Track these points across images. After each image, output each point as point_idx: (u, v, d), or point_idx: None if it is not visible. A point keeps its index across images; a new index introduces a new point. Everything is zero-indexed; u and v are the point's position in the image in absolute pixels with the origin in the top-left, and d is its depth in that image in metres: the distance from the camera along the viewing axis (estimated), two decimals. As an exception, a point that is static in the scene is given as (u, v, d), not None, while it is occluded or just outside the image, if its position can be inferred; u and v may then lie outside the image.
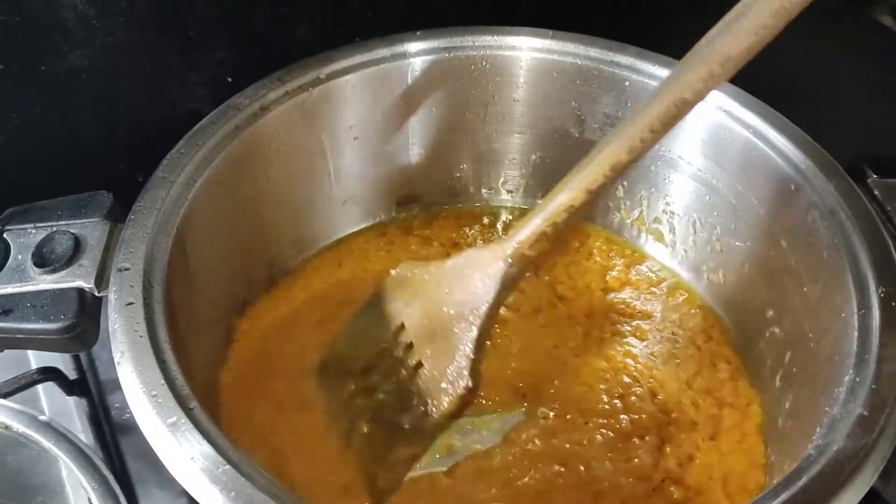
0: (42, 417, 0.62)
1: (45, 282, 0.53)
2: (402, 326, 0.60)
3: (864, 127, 0.75)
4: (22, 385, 0.66)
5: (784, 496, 0.43)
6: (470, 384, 0.57)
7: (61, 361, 0.70)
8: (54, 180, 0.61)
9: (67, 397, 0.69)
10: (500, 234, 0.78)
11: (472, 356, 0.57)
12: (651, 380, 0.66)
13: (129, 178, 0.62)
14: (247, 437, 0.60)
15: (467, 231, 0.77)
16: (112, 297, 0.51)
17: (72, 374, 0.70)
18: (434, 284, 0.59)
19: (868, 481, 0.44)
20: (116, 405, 0.69)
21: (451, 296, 0.58)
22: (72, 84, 0.70)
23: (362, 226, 0.76)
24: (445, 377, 0.57)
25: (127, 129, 0.74)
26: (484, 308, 0.56)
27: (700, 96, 0.49)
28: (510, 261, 0.56)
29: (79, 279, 0.53)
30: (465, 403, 0.58)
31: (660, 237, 0.75)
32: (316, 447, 0.61)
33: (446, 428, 0.59)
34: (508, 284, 0.57)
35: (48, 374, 0.67)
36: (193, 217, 0.57)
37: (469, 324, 0.57)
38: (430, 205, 0.79)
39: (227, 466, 0.43)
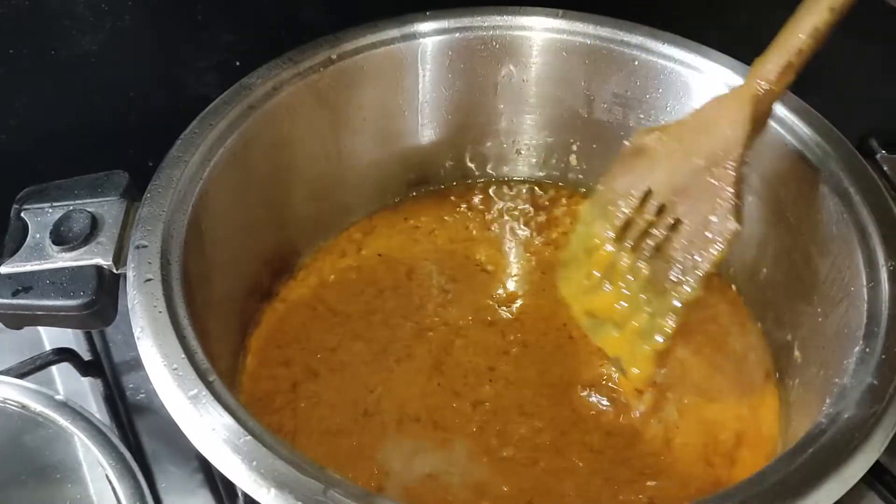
0: (58, 397, 0.62)
1: (64, 259, 0.54)
2: (650, 192, 0.59)
3: (873, 104, 0.75)
4: (37, 366, 0.66)
5: (795, 463, 0.44)
6: (739, 227, 0.55)
7: (75, 343, 0.71)
8: (64, 164, 0.61)
9: (82, 378, 0.69)
10: (514, 213, 0.78)
11: (735, 199, 0.55)
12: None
13: (139, 161, 0.63)
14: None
15: (480, 212, 0.78)
16: (130, 273, 0.52)
17: (86, 356, 0.70)
18: (675, 143, 0.58)
19: (878, 448, 0.45)
20: (131, 386, 0.69)
21: (698, 148, 0.56)
22: (81, 69, 0.71)
23: (375, 207, 0.77)
24: (709, 226, 0.56)
25: (136, 113, 0.75)
26: (739, 150, 0.55)
27: None
28: (756, 100, 0.54)
29: (97, 256, 0.54)
30: (732, 247, 0.56)
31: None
32: (334, 432, 0.61)
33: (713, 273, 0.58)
34: (760, 122, 0.55)
35: (63, 354, 0.68)
36: (208, 196, 0.58)
37: (725, 169, 0.55)
38: (441, 186, 0.79)
39: (249, 437, 0.44)
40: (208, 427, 0.45)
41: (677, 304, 0.58)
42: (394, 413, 0.62)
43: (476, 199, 0.79)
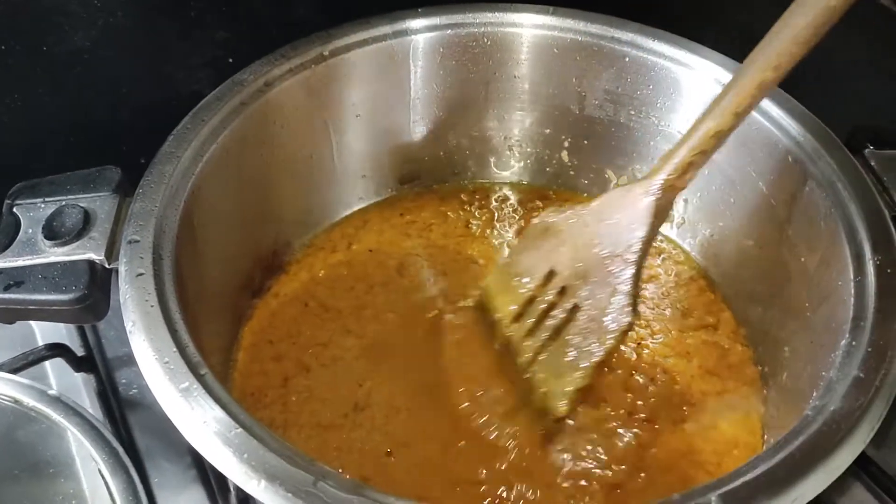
0: (51, 392, 0.62)
1: (56, 254, 0.54)
2: (552, 273, 0.60)
3: (861, 101, 0.75)
4: (30, 361, 0.66)
5: (783, 454, 0.44)
6: (632, 321, 0.56)
7: (68, 338, 0.71)
8: (57, 160, 0.62)
9: (75, 373, 0.69)
10: (505, 210, 0.79)
11: (632, 293, 0.56)
12: (646, 348, 0.67)
13: (132, 158, 0.63)
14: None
15: (472, 208, 0.78)
16: (122, 268, 0.52)
17: (79, 351, 0.71)
18: (581, 227, 0.59)
19: (864, 440, 0.45)
20: (124, 381, 0.69)
21: (601, 236, 0.57)
22: (74, 65, 0.71)
23: (366, 203, 0.77)
24: (606, 315, 0.57)
25: (129, 109, 0.75)
26: (639, 244, 0.56)
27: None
28: (660, 193, 0.55)
29: (89, 251, 0.54)
30: (625, 337, 0.58)
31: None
32: (325, 426, 0.62)
33: (607, 363, 0.59)
34: (660, 216, 0.57)
35: (56, 350, 0.68)
36: (200, 191, 0.58)
37: (625, 261, 0.56)
38: (432, 182, 0.79)
39: (240, 429, 0.44)
40: (199, 420, 0.45)
41: (569, 389, 0.58)
42: (383, 407, 0.62)
43: (468, 196, 0.79)
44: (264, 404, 0.63)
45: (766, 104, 0.63)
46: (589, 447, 0.61)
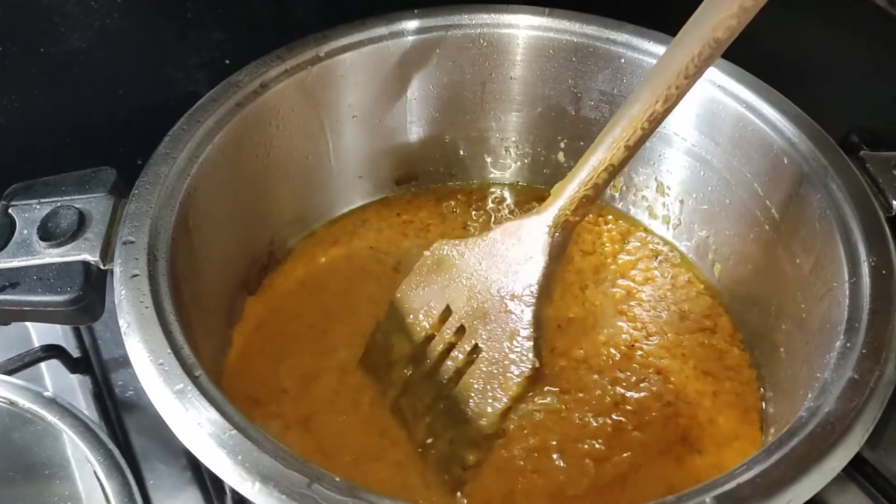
0: (47, 394, 0.62)
1: (51, 255, 0.54)
2: (448, 310, 0.58)
3: (856, 102, 0.75)
4: (26, 362, 0.66)
5: (777, 455, 0.44)
6: (537, 364, 0.54)
7: (64, 339, 0.71)
8: (53, 161, 0.62)
9: (70, 375, 0.69)
10: (501, 211, 0.79)
11: (533, 335, 0.54)
12: (639, 350, 0.67)
13: (128, 159, 0.63)
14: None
15: (469, 209, 0.78)
16: (117, 269, 0.52)
17: (75, 352, 0.70)
18: (475, 262, 0.57)
19: (858, 441, 0.45)
20: (119, 383, 0.69)
21: (497, 273, 0.55)
22: (71, 66, 0.70)
23: (361, 203, 0.77)
24: (508, 359, 0.55)
25: (125, 110, 0.75)
26: (535, 285, 0.54)
27: (734, 33, 0.46)
28: (554, 230, 0.54)
29: (84, 252, 0.54)
30: (533, 383, 0.56)
31: (654, 212, 0.76)
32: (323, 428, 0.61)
33: (513, 410, 0.57)
34: (556, 254, 0.55)
35: (52, 351, 0.68)
36: (196, 192, 0.58)
37: (523, 302, 0.54)
38: (428, 183, 0.79)
39: (234, 431, 0.44)
40: (194, 422, 0.45)
41: (476, 436, 0.56)
42: (376, 403, 0.62)
43: (465, 196, 0.79)
44: (258, 404, 0.62)
45: (761, 105, 0.63)
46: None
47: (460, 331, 0.58)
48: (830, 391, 0.47)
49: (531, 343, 0.54)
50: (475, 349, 0.57)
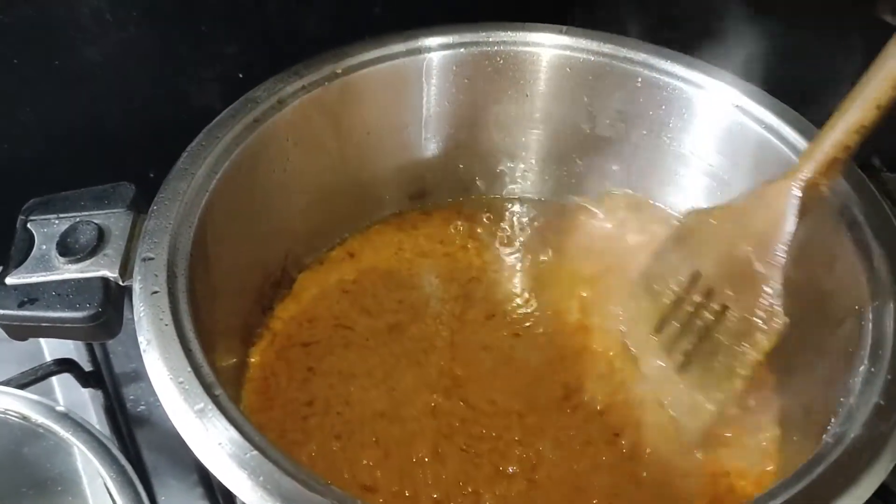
0: (59, 408, 0.62)
1: (70, 271, 0.54)
2: (698, 274, 0.59)
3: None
4: (38, 377, 0.66)
5: (804, 483, 0.44)
6: (786, 320, 0.55)
7: (76, 353, 0.71)
8: (66, 174, 0.61)
9: (82, 389, 0.69)
10: (516, 227, 0.78)
11: (782, 293, 0.55)
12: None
13: (141, 171, 0.63)
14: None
15: (483, 224, 0.78)
16: (137, 286, 0.52)
17: (87, 367, 0.70)
18: (726, 227, 0.58)
19: (886, 468, 0.45)
20: (131, 397, 0.69)
21: (746, 236, 0.56)
22: (85, 79, 0.71)
23: (376, 218, 0.77)
24: (756, 316, 0.56)
25: (139, 123, 0.74)
26: (783, 244, 0.55)
27: None
28: (804, 192, 0.54)
29: (103, 269, 0.54)
30: (781, 338, 0.56)
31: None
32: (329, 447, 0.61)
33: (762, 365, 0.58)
34: (805, 216, 0.55)
35: (64, 365, 0.68)
36: (213, 208, 0.58)
37: (771, 262, 0.55)
38: (443, 198, 0.79)
39: (255, 452, 0.44)
40: (214, 442, 0.45)
41: (726, 390, 0.58)
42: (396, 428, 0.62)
43: (479, 212, 0.79)
44: (276, 422, 0.62)
45: (781, 127, 0.63)
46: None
47: (707, 294, 0.59)
48: (856, 417, 0.47)
49: (780, 300, 0.55)
50: (724, 309, 0.58)
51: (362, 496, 0.57)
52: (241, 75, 0.74)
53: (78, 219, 0.56)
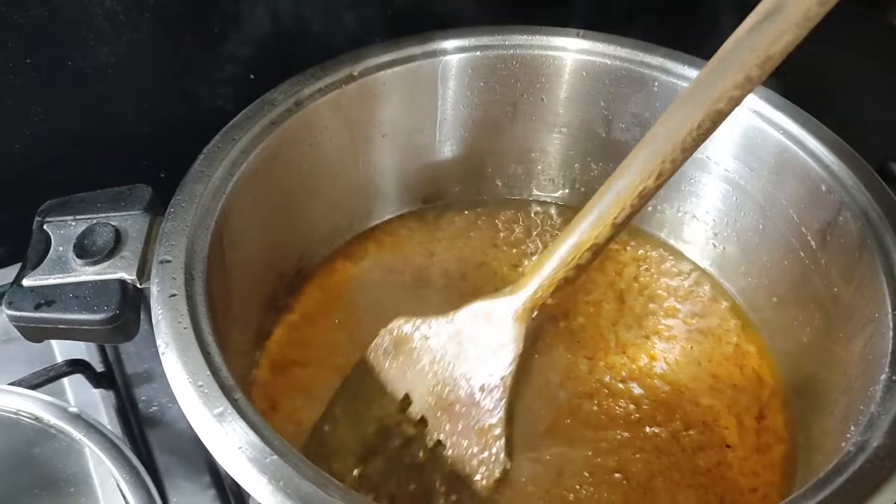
0: (71, 409, 0.61)
1: (87, 273, 0.53)
2: (407, 397, 0.53)
3: (892, 129, 0.75)
4: (50, 377, 0.66)
5: (825, 492, 0.43)
6: (508, 467, 0.50)
7: (88, 354, 0.71)
8: (79, 174, 0.61)
9: (94, 390, 0.69)
10: (531, 230, 0.78)
11: (505, 433, 0.49)
12: (675, 381, 0.66)
13: (153, 173, 0.63)
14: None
15: (496, 227, 0.78)
16: (154, 288, 0.51)
17: (99, 367, 0.70)
18: (440, 344, 0.52)
19: (909, 478, 0.45)
20: (143, 398, 0.69)
21: (464, 360, 0.51)
22: (97, 80, 0.70)
23: (390, 220, 0.77)
24: (476, 459, 0.50)
25: (151, 124, 0.74)
26: (508, 376, 0.49)
27: (736, 103, 0.44)
28: (529, 314, 0.49)
29: (121, 271, 0.54)
30: (500, 484, 0.50)
31: (685, 236, 0.75)
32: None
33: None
34: (531, 340, 0.51)
35: (76, 366, 0.67)
36: (230, 210, 0.58)
37: (493, 395, 0.50)
38: (457, 201, 0.79)
39: (275, 456, 0.44)
40: (234, 445, 0.44)
41: None
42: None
43: (492, 215, 0.79)
44: (291, 423, 0.62)
45: (800, 133, 0.63)
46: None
47: (421, 422, 0.53)
48: (878, 426, 0.46)
49: (503, 443, 0.50)
50: (438, 445, 0.52)
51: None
52: (252, 76, 0.74)
53: (95, 221, 0.56)
